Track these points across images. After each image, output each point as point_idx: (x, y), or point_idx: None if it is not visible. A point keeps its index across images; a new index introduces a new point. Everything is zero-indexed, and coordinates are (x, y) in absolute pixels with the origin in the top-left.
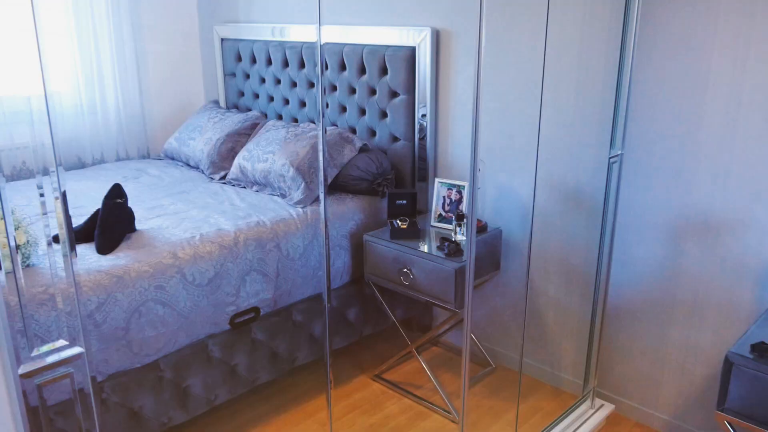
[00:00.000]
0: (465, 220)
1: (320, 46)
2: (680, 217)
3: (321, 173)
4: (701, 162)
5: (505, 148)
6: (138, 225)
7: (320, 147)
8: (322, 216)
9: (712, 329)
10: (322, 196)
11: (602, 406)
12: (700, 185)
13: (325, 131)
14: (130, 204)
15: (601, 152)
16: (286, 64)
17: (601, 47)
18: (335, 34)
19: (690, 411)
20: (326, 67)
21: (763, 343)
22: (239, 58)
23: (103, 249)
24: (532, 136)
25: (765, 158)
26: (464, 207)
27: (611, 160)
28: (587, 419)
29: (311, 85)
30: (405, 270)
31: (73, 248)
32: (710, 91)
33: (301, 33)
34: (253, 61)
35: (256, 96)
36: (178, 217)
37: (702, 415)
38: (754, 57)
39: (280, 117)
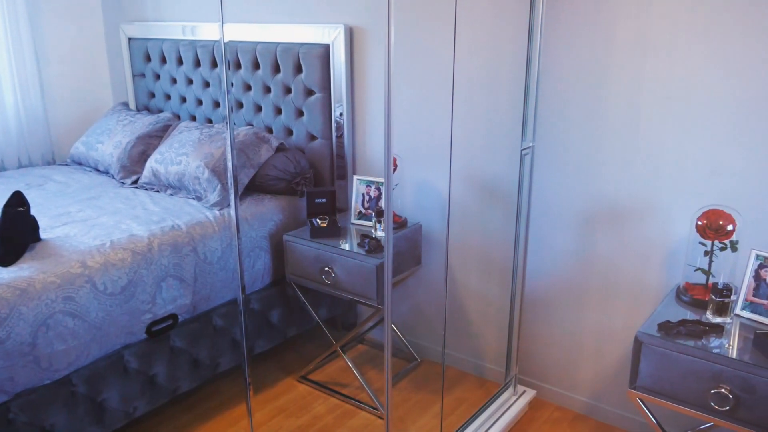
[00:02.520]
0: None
1: (223, 44)
2: (590, 205)
3: (230, 175)
4: (607, 152)
5: (422, 143)
6: (43, 234)
7: (228, 148)
8: (234, 218)
9: (623, 312)
10: (232, 198)
11: (524, 392)
12: (607, 174)
13: (232, 132)
14: (33, 212)
15: (514, 145)
16: (198, 63)
17: (509, 42)
18: (248, 32)
19: (606, 391)
20: (240, 66)
21: (668, 321)
22: (148, 58)
23: (4, 261)
24: (448, 130)
25: (664, 148)
26: (383, 203)
27: (523, 152)
28: (510, 406)
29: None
30: (327, 269)
31: None
32: (613, 85)
33: (212, 31)
34: (163, 60)
35: (168, 97)
36: (87, 224)
37: (617, 394)
38: (652, 54)
39: (193, 118)
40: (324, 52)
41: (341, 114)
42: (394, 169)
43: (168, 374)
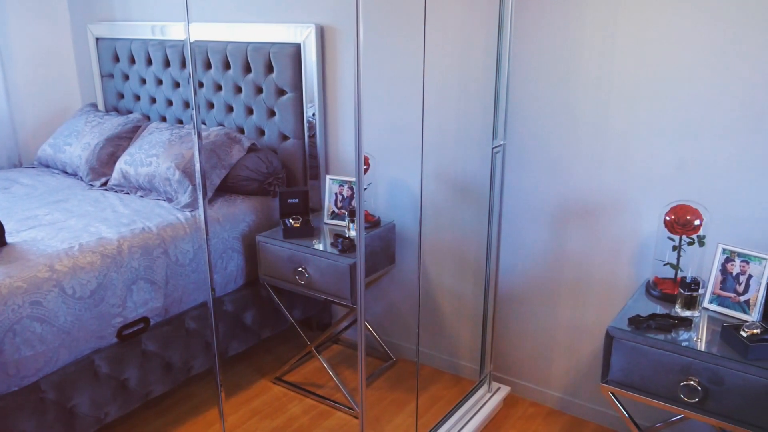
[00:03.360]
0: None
1: (189, 43)
2: (562, 202)
3: (198, 176)
4: (578, 150)
5: (394, 142)
6: (9, 238)
7: (195, 149)
8: (203, 219)
9: (595, 307)
10: (200, 199)
11: (499, 389)
12: (578, 172)
13: (199, 132)
14: None
15: (485, 143)
16: (167, 63)
17: (480, 41)
18: (218, 31)
19: (579, 386)
20: (210, 66)
21: (638, 316)
22: (117, 59)
23: None
24: (420, 129)
25: (632, 145)
26: (355, 203)
27: (494, 150)
28: (485, 403)
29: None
30: (300, 269)
31: None
32: (582, 83)
33: (182, 31)
34: (132, 61)
35: (137, 98)
36: (55, 227)
37: (590, 389)
38: (620, 53)
39: (163, 119)
40: (295, 51)
41: (314, 114)
42: (367, 169)
43: (140, 378)
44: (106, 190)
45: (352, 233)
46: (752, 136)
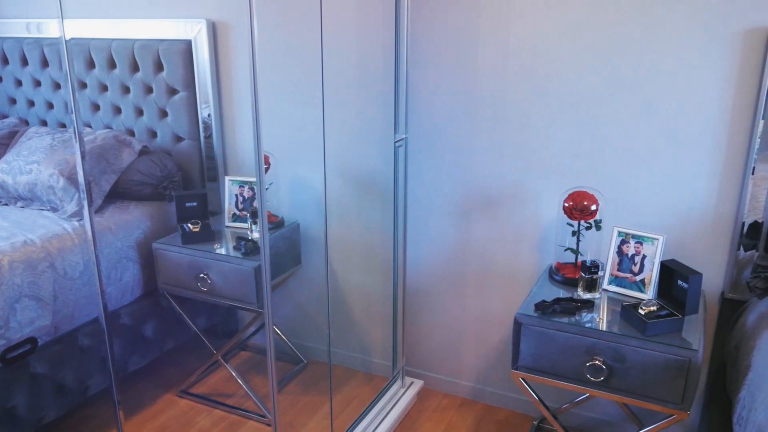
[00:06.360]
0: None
1: (64, 41)
2: (465, 193)
3: (81, 181)
4: (479, 141)
5: (295, 140)
6: None
7: (77, 152)
8: (89, 229)
9: (501, 295)
10: (86, 207)
11: (412, 383)
12: (480, 163)
13: (80, 136)
14: None
15: (387, 137)
16: (45, 63)
17: (378, 35)
18: (101, 28)
19: (490, 374)
20: (93, 65)
21: (544, 301)
22: None
23: None
24: (320, 126)
25: (531, 136)
26: (257, 203)
27: (396, 144)
28: (399, 399)
29: (79, 86)
30: (202, 275)
31: None
32: (481, 75)
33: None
34: (6, 61)
35: (13, 101)
36: None
37: (500, 376)
38: (515, 46)
39: (44, 123)
40: (186, 48)
41: (209, 114)
42: (267, 168)
43: (29, 404)
44: None
45: (255, 235)
46: (640, 123)
